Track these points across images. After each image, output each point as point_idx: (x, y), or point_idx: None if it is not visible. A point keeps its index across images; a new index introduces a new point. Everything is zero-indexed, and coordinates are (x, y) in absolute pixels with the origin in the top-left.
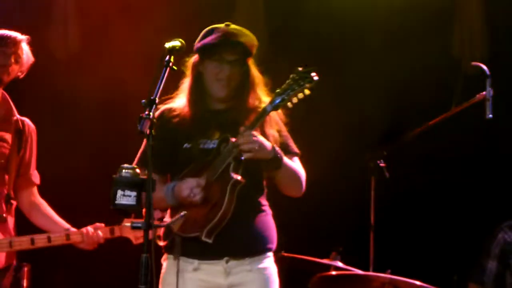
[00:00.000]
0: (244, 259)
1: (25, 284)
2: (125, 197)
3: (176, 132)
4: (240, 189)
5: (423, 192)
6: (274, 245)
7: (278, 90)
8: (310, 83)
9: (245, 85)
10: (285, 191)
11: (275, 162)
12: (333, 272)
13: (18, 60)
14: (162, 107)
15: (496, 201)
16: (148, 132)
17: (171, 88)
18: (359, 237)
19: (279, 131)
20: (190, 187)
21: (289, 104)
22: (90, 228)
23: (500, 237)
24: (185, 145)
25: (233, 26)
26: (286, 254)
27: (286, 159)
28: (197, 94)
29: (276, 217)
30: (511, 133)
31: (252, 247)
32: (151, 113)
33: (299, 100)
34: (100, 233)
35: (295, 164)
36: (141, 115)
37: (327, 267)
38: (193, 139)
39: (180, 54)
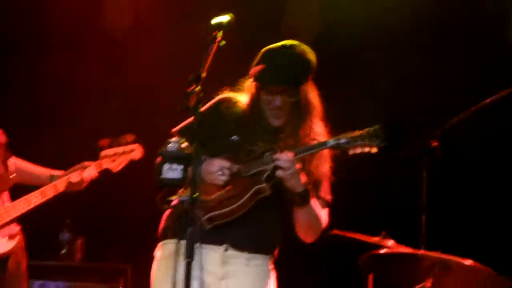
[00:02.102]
0: (243, 252)
1: (78, 257)
2: (172, 171)
3: (227, 121)
4: (263, 198)
5: (476, 171)
6: (274, 252)
7: (348, 132)
8: (380, 144)
9: (298, 116)
10: (297, 231)
11: (300, 199)
12: (383, 251)
13: None
14: (228, 94)
15: None
16: (193, 107)
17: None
18: (411, 216)
19: (323, 172)
20: (221, 166)
21: (350, 151)
22: (83, 167)
23: None
24: (234, 137)
25: (289, 47)
26: (337, 232)
27: (312, 203)
28: (255, 110)
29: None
30: None
31: (254, 243)
32: (197, 88)
33: (360, 153)
34: (89, 171)
35: (320, 211)
36: (187, 90)
37: (378, 245)
38: (243, 136)
39: (228, 29)
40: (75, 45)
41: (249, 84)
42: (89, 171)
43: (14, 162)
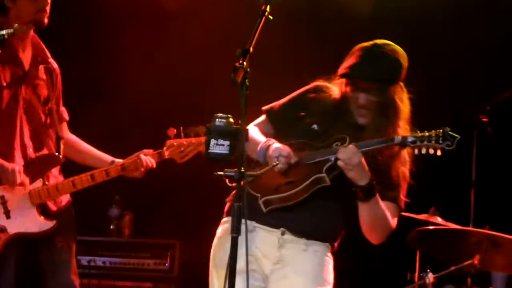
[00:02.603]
0: (301, 238)
1: (127, 233)
2: (218, 146)
3: (316, 111)
4: (322, 188)
5: None
6: (336, 241)
7: (417, 132)
8: (447, 147)
9: (383, 115)
10: (363, 230)
11: (363, 193)
12: (432, 227)
13: None
14: (324, 83)
15: None
16: (240, 81)
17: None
18: (460, 193)
19: (400, 174)
20: (280, 152)
21: (416, 150)
22: (142, 156)
23: None
24: (314, 125)
25: (380, 46)
26: None
27: (378, 201)
28: (342, 104)
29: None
30: None
31: (313, 230)
32: (244, 63)
33: (426, 153)
34: (150, 158)
35: (387, 212)
36: (235, 64)
37: (426, 222)
38: (322, 124)
39: (277, 3)
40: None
41: (339, 85)
42: (147, 160)
43: (74, 142)
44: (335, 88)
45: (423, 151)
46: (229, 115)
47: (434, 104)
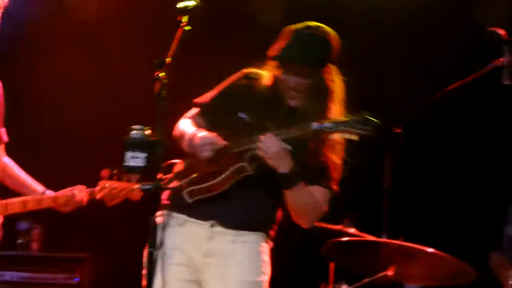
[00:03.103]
0: (230, 229)
1: (35, 246)
2: (134, 159)
3: (246, 99)
4: (247, 176)
5: (439, 158)
6: (268, 229)
7: (334, 118)
8: (365, 133)
9: (315, 97)
10: (291, 214)
11: (285, 181)
12: (346, 238)
13: None
14: (252, 70)
15: None
16: (157, 93)
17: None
18: (373, 203)
19: (330, 160)
20: (205, 141)
21: (334, 135)
22: (76, 192)
23: None
24: (243, 115)
25: (311, 28)
26: None
27: (304, 188)
28: (274, 89)
29: None
30: None
31: (241, 221)
32: (162, 74)
33: (345, 139)
34: (82, 195)
35: (316, 196)
36: (154, 75)
37: (340, 233)
38: (255, 116)
39: (194, 14)
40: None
41: (269, 68)
42: (79, 196)
43: (6, 165)
44: (266, 74)
45: (342, 136)
46: (145, 127)
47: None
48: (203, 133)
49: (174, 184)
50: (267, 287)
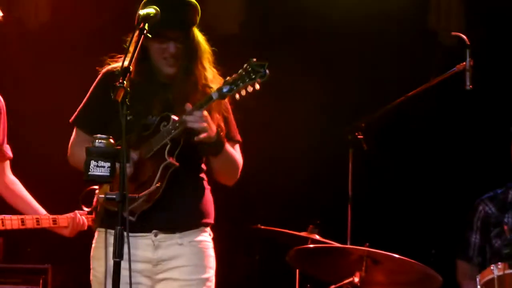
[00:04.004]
0: (174, 233)
1: None
2: (99, 168)
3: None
4: (173, 171)
5: (401, 164)
6: (210, 220)
7: (228, 79)
8: (262, 78)
9: (190, 61)
10: (218, 178)
11: (216, 147)
12: (311, 245)
13: None
14: (107, 68)
15: (476, 174)
16: (121, 101)
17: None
18: (337, 210)
19: (224, 116)
20: None
21: (237, 95)
22: (77, 214)
23: (481, 209)
24: (128, 117)
25: None
26: (263, 227)
27: (227, 146)
28: (142, 67)
29: (254, 190)
30: (490, 103)
31: (183, 221)
32: (125, 82)
33: (248, 93)
34: (84, 219)
35: (235, 152)
36: (115, 83)
37: (305, 240)
38: (134, 112)
39: (154, 21)
40: None
41: (132, 45)
42: (80, 219)
43: (12, 183)
44: (126, 61)
45: (243, 93)
46: (109, 136)
47: (311, 122)
48: None
49: (140, 193)
50: (213, 279)
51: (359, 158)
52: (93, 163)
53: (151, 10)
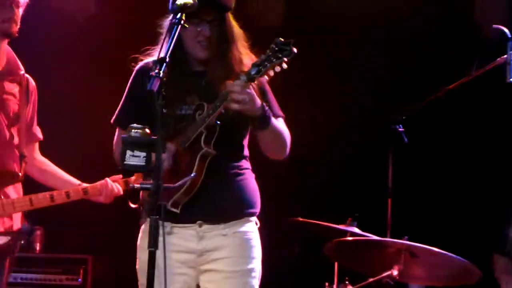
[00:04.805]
0: (219, 224)
1: (38, 248)
2: (134, 158)
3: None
4: (212, 159)
5: (442, 158)
6: (255, 209)
7: (255, 61)
8: (288, 56)
9: (225, 44)
10: (269, 153)
11: (263, 120)
12: (349, 238)
13: (17, 4)
14: (140, 64)
15: None
16: (157, 91)
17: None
18: (377, 203)
19: (263, 93)
20: None
21: (265, 76)
22: (109, 180)
23: None
24: (164, 110)
25: None
26: (301, 219)
27: (273, 120)
28: (176, 55)
29: (293, 182)
30: None
31: (227, 212)
32: (161, 72)
33: (276, 72)
34: (117, 185)
35: (281, 125)
36: (151, 73)
37: (343, 232)
38: (169, 104)
39: (191, 11)
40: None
41: (167, 21)
42: (114, 186)
43: (42, 163)
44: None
45: (271, 73)
46: (145, 126)
47: (352, 114)
48: None
49: (175, 184)
50: (260, 269)
51: (399, 151)
52: (128, 152)
53: (188, 0)
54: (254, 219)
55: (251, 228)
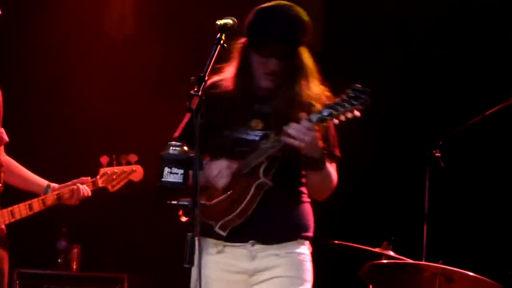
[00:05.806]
0: (272, 245)
1: (75, 266)
2: (172, 175)
3: (216, 113)
4: (267, 190)
5: (479, 182)
6: (309, 233)
7: (329, 103)
8: (363, 105)
9: (293, 78)
10: (312, 193)
11: (319, 163)
12: (385, 261)
13: None
14: (213, 79)
15: None
16: (195, 109)
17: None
18: (412, 227)
19: (326, 132)
20: (220, 167)
21: (335, 120)
22: (81, 186)
23: None
24: (225, 132)
25: (285, 7)
26: (337, 242)
27: (327, 164)
28: (243, 78)
29: (330, 205)
30: None
31: (281, 233)
32: (200, 90)
33: (347, 119)
34: (86, 187)
35: (332, 170)
36: (190, 92)
37: (379, 256)
38: (233, 127)
39: (232, 32)
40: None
41: (240, 43)
42: (83, 189)
43: (8, 165)
44: (227, 75)
45: (342, 118)
46: (183, 143)
47: (388, 138)
48: (214, 161)
49: (212, 201)
50: None
51: (436, 176)
52: (166, 169)
53: (228, 20)
54: (307, 242)
55: (305, 250)
